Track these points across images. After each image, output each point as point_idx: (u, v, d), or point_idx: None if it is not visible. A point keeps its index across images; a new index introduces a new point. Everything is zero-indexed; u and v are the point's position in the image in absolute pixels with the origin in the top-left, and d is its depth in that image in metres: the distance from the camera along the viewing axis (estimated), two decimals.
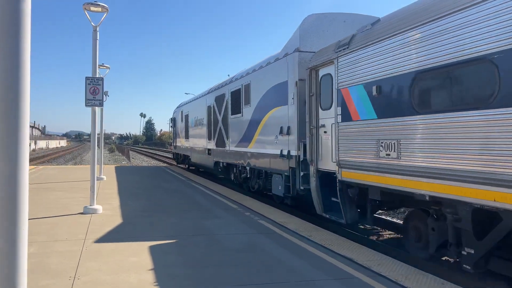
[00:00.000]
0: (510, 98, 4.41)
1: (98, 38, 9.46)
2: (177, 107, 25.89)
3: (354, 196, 7.41)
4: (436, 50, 5.39)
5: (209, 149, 17.14)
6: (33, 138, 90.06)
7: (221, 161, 15.53)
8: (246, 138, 12.67)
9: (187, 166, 23.83)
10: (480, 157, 4.75)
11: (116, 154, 57.06)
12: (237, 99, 13.50)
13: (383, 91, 6.41)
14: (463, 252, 5.29)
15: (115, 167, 24.88)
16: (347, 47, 7.37)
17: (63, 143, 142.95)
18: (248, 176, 13.01)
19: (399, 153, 6.02)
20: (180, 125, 24.14)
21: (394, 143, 6.13)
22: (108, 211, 9.32)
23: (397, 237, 8.75)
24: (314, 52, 8.99)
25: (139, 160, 40.48)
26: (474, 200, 4.82)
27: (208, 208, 9.85)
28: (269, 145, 10.87)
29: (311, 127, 8.59)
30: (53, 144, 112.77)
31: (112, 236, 6.95)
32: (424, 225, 6.21)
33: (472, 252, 5.14)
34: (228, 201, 11.04)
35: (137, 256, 5.76)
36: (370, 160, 6.66)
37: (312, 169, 8.60)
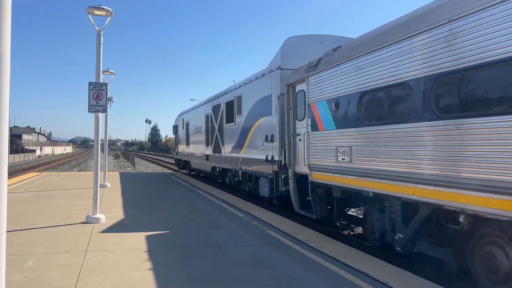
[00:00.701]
0: (420, 114, 5.69)
1: (102, 42, 9.24)
2: (179, 115, 26.77)
3: (322, 195, 8.64)
4: (374, 75, 6.70)
5: (207, 155, 18.27)
6: (39, 144, 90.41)
7: (218, 166, 16.72)
8: (239, 145, 13.81)
9: (188, 171, 24.65)
10: (405, 161, 5.97)
11: (122, 161, 56.98)
12: (231, 109, 14.66)
13: (339, 106, 7.69)
14: (396, 237, 6.55)
15: (120, 173, 24.66)
16: (315, 69, 8.63)
17: (69, 149, 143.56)
18: (240, 179, 14.21)
19: (351, 158, 7.29)
20: (182, 132, 25.24)
21: (347, 149, 7.41)
22: (111, 220, 9.04)
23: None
24: (294, 69, 10.16)
25: (144, 167, 40.28)
26: (401, 195, 6.09)
27: (214, 218, 9.54)
28: (257, 151, 12.06)
29: (289, 135, 9.84)
30: (59, 150, 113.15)
31: (114, 248, 6.65)
32: (372, 218, 7.37)
33: (402, 236, 6.42)
34: (235, 209, 10.73)
35: (140, 271, 5.45)
36: (332, 163, 7.88)
37: (290, 172, 9.87)
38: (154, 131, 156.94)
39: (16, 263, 5.72)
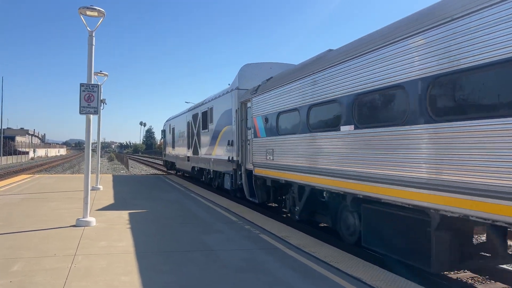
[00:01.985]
0: (297, 129, 9.05)
1: (94, 43, 9.13)
2: (167, 121, 29.30)
3: (261, 185, 11.59)
4: (284, 101, 9.73)
5: (188, 156, 21.05)
6: (33, 146, 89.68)
7: (196, 165, 19.57)
8: (211, 148, 16.60)
9: (175, 172, 27.07)
10: (298, 158, 8.94)
11: (115, 163, 56.61)
12: (205, 118, 17.62)
13: (268, 121, 10.63)
14: (295, 209, 9.63)
15: (113, 176, 24.46)
16: (255, 92, 11.67)
17: (63, 151, 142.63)
18: (212, 176, 17.16)
19: (273, 157, 10.32)
20: (168, 136, 28.08)
21: (271, 151, 10.42)
22: (102, 223, 8.91)
23: None
24: (248, 89, 12.99)
25: (138, 169, 40.00)
26: (296, 181, 9.17)
27: (207, 221, 9.43)
28: (223, 153, 14.78)
29: (242, 140, 13.05)
30: (53, 152, 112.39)
31: (103, 252, 6.52)
32: (287, 197, 10.31)
33: (298, 208, 9.44)
34: (228, 213, 10.62)
35: (129, 276, 5.33)
36: (264, 161, 10.88)
37: (242, 168, 12.92)
38: (149, 134, 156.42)
39: (2, 267, 5.58)
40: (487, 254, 5.98)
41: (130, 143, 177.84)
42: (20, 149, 74.23)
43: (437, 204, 5.26)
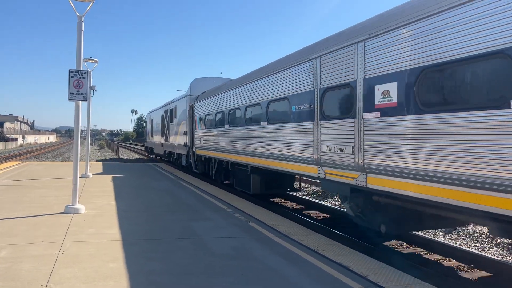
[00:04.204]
0: (230, 123, 13.64)
1: (83, 29, 8.98)
2: (148, 113, 36.37)
3: (199, 160, 17.80)
4: (208, 108, 15.62)
5: (162, 143, 27.04)
6: (21, 133, 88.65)
7: (167, 150, 25.63)
8: (175, 137, 22.56)
9: (155, 156, 32.95)
10: (219, 143, 14.34)
11: (106, 151, 56.22)
12: (172, 114, 23.55)
13: (201, 120, 16.58)
14: (213, 172, 15.93)
15: (103, 163, 24.31)
16: (196, 100, 18.01)
17: (52, 138, 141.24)
18: (176, 157, 23.52)
19: (203, 141, 16.27)
20: (149, 126, 34.94)
21: (203, 138, 16.42)
22: (91, 210, 8.88)
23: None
24: (196, 95, 18.87)
25: (129, 157, 39.75)
26: (214, 156, 15.24)
27: (197, 209, 9.44)
28: (182, 140, 20.58)
29: (191, 131, 18.81)
30: (42, 139, 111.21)
31: (92, 239, 6.51)
32: (212, 166, 16.17)
33: (213, 172, 16.01)
34: (218, 201, 10.64)
35: (116, 262, 5.33)
36: (200, 145, 16.80)
37: (191, 150, 18.83)
38: (140, 122, 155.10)
39: None
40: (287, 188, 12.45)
41: (121, 131, 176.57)
42: (8, 135, 73.30)
43: (250, 162, 11.55)
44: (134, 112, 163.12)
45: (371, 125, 6.44)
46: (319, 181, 8.86)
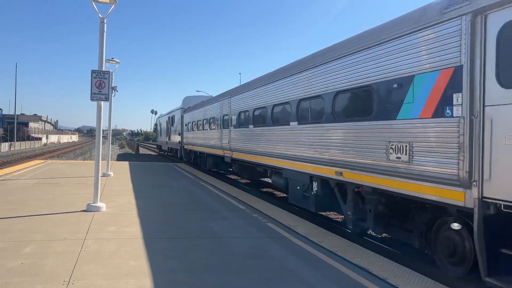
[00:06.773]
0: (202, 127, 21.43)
1: (105, 30, 9.15)
2: (157, 118, 48.57)
3: (188, 153, 26.10)
4: (194, 118, 23.31)
5: (166, 141, 35.99)
6: (45, 132, 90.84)
7: (169, 146, 34.79)
8: (174, 137, 31.00)
9: (164, 152, 41.10)
10: (202, 141, 20.77)
11: (127, 151, 57.07)
12: (172, 120, 32.08)
13: (188, 125, 25.47)
14: (196, 162, 23.76)
15: (123, 163, 24.69)
16: (184, 112, 27.11)
17: (75, 137, 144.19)
18: (175, 152, 31.99)
19: (189, 140, 24.91)
20: (158, 128, 45.55)
21: (192, 138, 23.93)
22: (112, 209, 9.03)
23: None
24: (186, 108, 26.90)
25: (149, 157, 40.28)
26: (195, 149, 23.18)
27: (216, 209, 9.50)
28: (177, 139, 29.03)
29: (183, 133, 26.92)
30: (65, 138, 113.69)
31: (113, 237, 6.63)
32: (201, 158, 22.39)
33: (196, 161, 23.85)
34: (236, 201, 10.69)
35: (137, 260, 5.42)
36: (187, 142, 25.49)
37: (182, 146, 27.55)
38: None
39: (14, 249, 5.72)
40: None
41: (141, 131, 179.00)
42: (33, 135, 75.22)
43: (206, 151, 20.02)
44: (154, 112, 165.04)
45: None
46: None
